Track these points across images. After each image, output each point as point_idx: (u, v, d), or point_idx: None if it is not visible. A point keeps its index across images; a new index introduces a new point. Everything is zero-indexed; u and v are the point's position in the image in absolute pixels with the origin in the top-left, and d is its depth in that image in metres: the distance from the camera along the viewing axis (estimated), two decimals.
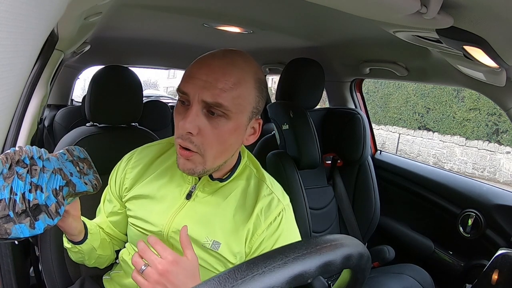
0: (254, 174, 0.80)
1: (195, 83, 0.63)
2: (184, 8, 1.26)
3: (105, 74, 1.17)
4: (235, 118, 0.65)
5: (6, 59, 0.19)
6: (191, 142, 0.65)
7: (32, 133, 1.19)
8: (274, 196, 0.77)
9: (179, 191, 0.76)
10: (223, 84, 0.62)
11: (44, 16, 0.24)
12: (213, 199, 0.75)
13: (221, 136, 0.65)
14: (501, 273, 1.07)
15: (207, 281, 0.37)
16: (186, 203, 0.75)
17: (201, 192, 0.76)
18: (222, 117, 0.64)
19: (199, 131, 0.64)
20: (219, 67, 0.63)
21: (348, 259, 0.43)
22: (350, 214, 1.65)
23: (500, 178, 7.54)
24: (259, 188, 0.77)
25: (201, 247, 0.73)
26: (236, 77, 0.64)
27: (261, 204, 0.75)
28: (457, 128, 8.21)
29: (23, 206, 0.50)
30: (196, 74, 0.64)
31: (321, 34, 1.49)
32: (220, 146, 0.67)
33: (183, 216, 0.74)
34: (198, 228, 0.73)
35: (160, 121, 2.47)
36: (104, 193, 0.88)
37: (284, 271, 0.38)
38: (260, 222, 0.74)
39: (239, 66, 0.65)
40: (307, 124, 1.51)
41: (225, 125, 0.65)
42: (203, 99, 0.63)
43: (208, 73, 0.63)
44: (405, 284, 1.34)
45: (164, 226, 0.75)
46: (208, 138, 0.65)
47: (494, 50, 0.71)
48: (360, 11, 0.74)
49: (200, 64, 0.65)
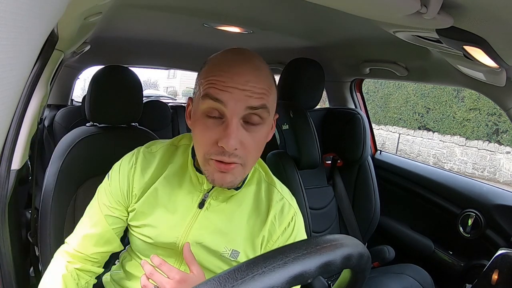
0: (264, 178, 0.79)
1: (233, 91, 0.60)
2: (184, 8, 1.26)
3: (105, 74, 1.17)
4: (268, 120, 0.64)
5: (6, 59, 0.19)
6: (235, 156, 0.62)
7: (32, 133, 1.19)
8: (285, 201, 0.77)
9: (191, 200, 0.73)
10: (259, 88, 0.61)
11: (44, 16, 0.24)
12: (227, 207, 0.73)
13: (259, 142, 0.65)
14: (501, 273, 1.07)
15: (207, 281, 0.37)
16: (199, 212, 0.72)
17: (213, 200, 0.73)
18: (259, 124, 0.63)
19: (241, 143, 0.61)
20: (250, 74, 0.61)
21: (348, 259, 0.43)
22: (350, 214, 1.65)
23: (500, 178, 7.54)
24: (270, 194, 0.77)
25: (219, 257, 0.73)
26: (265, 78, 0.63)
27: (274, 210, 0.75)
28: (457, 128, 8.21)
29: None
30: (230, 83, 0.60)
31: (321, 34, 1.49)
32: (258, 152, 0.66)
33: (199, 227, 0.72)
34: (216, 238, 0.72)
35: (160, 121, 2.47)
36: (99, 203, 0.77)
37: (284, 271, 0.38)
38: (274, 228, 0.74)
39: (261, 68, 0.64)
40: (307, 124, 1.51)
41: (262, 130, 0.64)
42: (247, 105, 0.60)
43: (243, 82, 0.60)
44: (405, 284, 1.34)
45: (179, 238, 0.72)
46: (250, 148, 0.63)
47: (494, 50, 0.71)
48: (360, 11, 0.74)
49: (231, 73, 0.61)
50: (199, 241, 0.72)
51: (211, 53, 0.73)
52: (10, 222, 0.89)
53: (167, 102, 2.85)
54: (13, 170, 0.91)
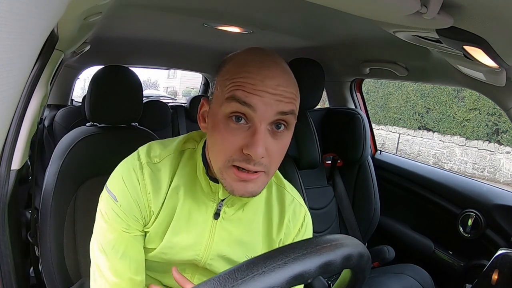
0: (273, 180, 0.77)
1: (263, 95, 0.55)
2: (184, 8, 1.26)
3: (105, 74, 1.17)
4: (292, 125, 0.60)
5: (6, 59, 0.19)
6: (260, 165, 0.58)
7: (32, 133, 1.19)
8: (296, 202, 0.77)
9: (205, 211, 0.68)
10: (288, 93, 0.58)
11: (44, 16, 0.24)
12: (243, 215, 0.71)
13: (283, 149, 0.61)
14: (501, 273, 1.07)
15: (207, 281, 0.37)
16: (215, 224, 0.68)
17: (228, 208, 0.69)
18: (285, 131, 0.59)
19: (266, 151, 0.57)
20: (280, 77, 0.58)
21: (348, 259, 0.43)
22: (350, 214, 1.65)
23: (500, 178, 7.53)
24: (282, 197, 0.75)
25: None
26: (292, 82, 0.60)
27: (288, 213, 0.74)
28: (457, 128, 8.21)
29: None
30: (261, 87, 0.56)
31: (321, 34, 1.49)
32: (281, 159, 0.63)
33: (218, 240, 0.69)
34: (237, 248, 0.70)
35: (160, 121, 2.47)
36: (117, 230, 0.66)
37: (284, 271, 0.38)
38: (290, 230, 0.75)
39: (287, 70, 0.61)
40: (307, 124, 1.51)
41: (287, 137, 0.61)
42: (278, 110, 0.56)
43: (274, 86, 0.56)
44: (405, 284, 1.34)
45: (200, 255, 0.69)
46: (274, 156, 0.60)
47: (494, 50, 0.71)
48: (360, 11, 0.74)
49: (261, 76, 0.57)
50: (222, 254, 0.69)
51: (211, 53, 0.73)
52: (10, 222, 0.88)
53: (167, 102, 2.85)
54: (13, 170, 0.91)
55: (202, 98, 0.67)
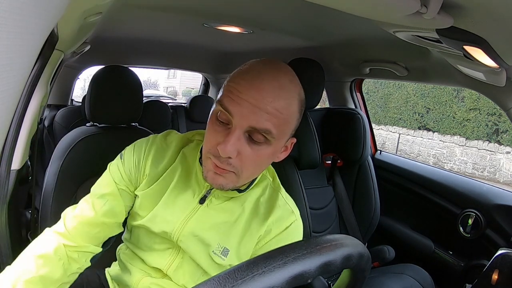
0: (270, 184, 0.79)
1: (243, 105, 0.59)
2: (184, 8, 1.26)
3: (105, 74, 1.17)
4: (275, 144, 0.64)
5: (6, 59, 0.19)
6: (228, 164, 0.62)
7: (32, 133, 1.19)
8: (288, 207, 0.77)
9: (192, 194, 0.74)
10: (273, 110, 0.60)
11: (44, 16, 0.24)
12: (228, 206, 0.74)
13: (259, 159, 0.64)
14: (501, 273, 1.07)
15: (207, 281, 0.37)
16: (199, 207, 0.73)
17: (215, 198, 0.74)
18: (263, 144, 0.62)
19: (238, 154, 0.61)
20: (271, 91, 0.60)
21: (348, 259, 0.43)
22: (350, 214, 1.65)
23: (500, 178, 7.54)
24: (274, 198, 0.77)
25: (210, 253, 0.73)
26: (285, 102, 0.61)
27: (275, 215, 0.75)
28: (457, 128, 8.21)
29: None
30: (244, 96, 0.59)
31: (321, 34, 1.49)
32: (256, 168, 0.67)
33: (196, 221, 0.73)
34: (212, 233, 0.73)
35: (160, 121, 2.47)
36: (111, 174, 0.76)
37: (284, 271, 0.38)
38: (270, 229, 0.75)
39: (288, 89, 0.63)
40: (307, 124, 1.51)
41: (265, 150, 0.63)
42: (250, 125, 0.60)
43: (256, 97, 0.59)
44: (405, 284, 1.34)
45: (175, 230, 0.73)
46: (247, 161, 0.63)
47: (494, 50, 0.71)
48: (360, 11, 0.74)
49: (250, 85, 0.60)
50: (195, 233, 0.72)
51: (211, 53, 0.74)
52: (10, 222, 0.89)
53: (167, 102, 2.85)
54: (13, 170, 0.91)
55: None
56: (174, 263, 0.76)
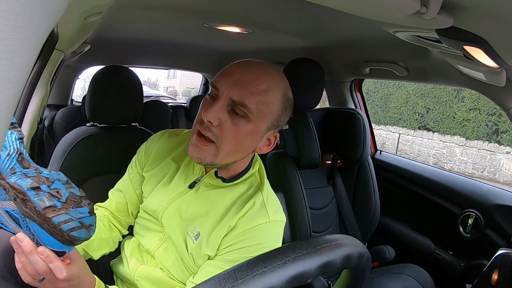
0: (257, 184, 0.80)
1: (227, 80, 0.68)
2: (184, 8, 1.26)
3: (105, 74, 1.17)
4: (254, 122, 0.69)
5: (6, 59, 0.19)
6: (210, 131, 0.68)
7: (32, 133, 1.19)
8: (265, 208, 0.76)
9: (184, 179, 0.80)
10: (253, 87, 0.67)
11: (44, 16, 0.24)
12: (212, 196, 0.78)
13: (239, 134, 0.69)
14: (501, 273, 1.07)
15: (207, 281, 0.37)
16: (187, 191, 0.79)
17: (203, 186, 0.78)
18: (243, 118, 0.68)
19: (219, 123, 0.67)
20: (254, 71, 0.69)
21: (348, 259, 0.43)
22: (350, 214, 1.65)
23: (500, 178, 7.53)
24: (254, 197, 0.77)
25: (185, 234, 0.77)
26: (267, 85, 0.68)
27: (248, 211, 0.75)
28: (457, 128, 8.21)
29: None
30: (230, 72, 0.69)
31: (321, 34, 1.49)
32: (236, 143, 0.70)
33: (181, 202, 0.78)
34: (191, 216, 0.77)
35: (160, 121, 2.47)
36: (126, 174, 0.90)
37: (284, 271, 0.38)
38: (241, 223, 0.74)
39: (272, 76, 0.70)
40: (307, 124, 1.51)
41: (244, 125, 0.69)
42: (231, 97, 0.67)
43: (242, 73, 0.68)
44: (405, 284, 1.34)
45: (161, 207, 0.79)
46: (227, 132, 0.68)
47: (494, 50, 0.71)
48: (360, 11, 0.74)
49: (238, 65, 0.70)
50: (177, 212, 0.78)
51: (211, 53, 0.76)
52: None
53: (167, 102, 2.85)
54: None
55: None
56: (162, 246, 0.81)
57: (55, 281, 0.55)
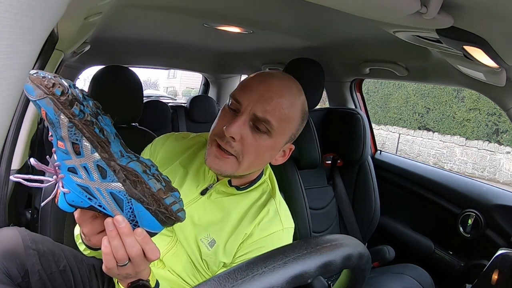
0: (269, 191, 0.82)
1: (251, 95, 0.68)
2: (184, 8, 1.26)
3: (105, 74, 1.17)
4: (275, 138, 0.70)
5: (6, 59, 0.19)
6: (231, 147, 0.68)
7: (32, 133, 1.19)
8: (278, 215, 0.79)
9: (196, 185, 0.79)
10: (277, 104, 0.67)
11: (44, 16, 0.24)
12: (225, 203, 0.78)
13: (260, 149, 0.70)
14: (501, 273, 1.06)
15: (207, 281, 0.37)
16: (199, 198, 0.78)
17: (216, 193, 0.78)
18: (265, 134, 0.69)
19: (241, 138, 0.68)
20: (278, 87, 0.69)
21: (348, 259, 0.43)
22: (350, 214, 1.65)
23: (500, 178, 7.53)
24: (267, 205, 0.79)
25: (198, 241, 0.76)
26: (289, 102, 0.69)
27: (263, 218, 0.77)
28: (457, 128, 8.21)
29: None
30: (254, 88, 0.69)
31: (321, 34, 1.49)
32: (256, 158, 0.71)
33: (194, 209, 0.77)
34: (204, 223, 0.76)
35: (160, 121, 2.47)
36: None
37: (284, 271, 0.38)
38: (256, 231, 0.76)
39: (293, 92, 0.71)
40: (307, 124, 1.50)
41: (266, 140, 0.69)
42: (255, 112, 0.67)
43: (266, 90, 0.68)
44: (405, 284, 1.34)
45: None
46: (248, 147, 0.68)
47: (494, 50, 0.71)
48: (360, 11, 0.74)
49: (260, 79, 0.70)
50: (190, 217, 0.76)
51: (211, 53, 0.77)
52: (10, 222, 0.89)
53: (167, 102, 2.85)
54: (13, 170, 0.91)
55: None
56: (171, 251, 0.79)
57: (140, 264, 0.54)
